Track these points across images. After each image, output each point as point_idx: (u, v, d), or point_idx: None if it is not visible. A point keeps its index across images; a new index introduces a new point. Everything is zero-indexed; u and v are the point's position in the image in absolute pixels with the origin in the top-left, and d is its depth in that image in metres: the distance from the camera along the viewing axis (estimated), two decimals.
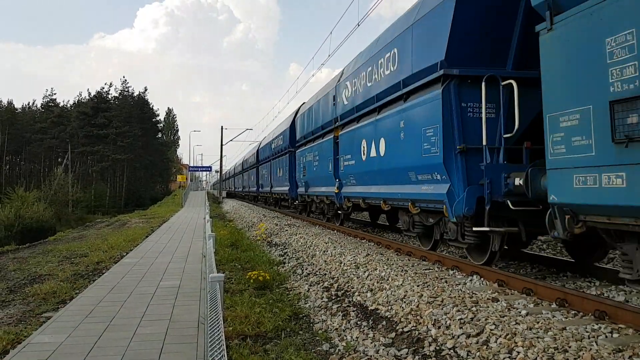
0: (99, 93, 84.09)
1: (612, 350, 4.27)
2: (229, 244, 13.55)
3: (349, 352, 5.21)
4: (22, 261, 12.26)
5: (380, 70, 11.03)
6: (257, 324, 6.05)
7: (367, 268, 8.74)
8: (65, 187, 62.13)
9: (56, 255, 12.86)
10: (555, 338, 4.62)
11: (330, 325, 6.24)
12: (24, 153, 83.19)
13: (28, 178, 76.27)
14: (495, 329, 5.00)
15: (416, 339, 5.27)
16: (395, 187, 10.29)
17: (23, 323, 6.45)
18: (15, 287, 8.99)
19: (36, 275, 10.02)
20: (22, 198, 41.27)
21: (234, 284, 8.43)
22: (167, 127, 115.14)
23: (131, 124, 77.66)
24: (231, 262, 10.80)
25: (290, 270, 10.10)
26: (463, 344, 4.85)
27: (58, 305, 7.30)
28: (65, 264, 11.24)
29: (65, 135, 79.20)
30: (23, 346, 5.12)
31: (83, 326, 5.81)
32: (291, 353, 5.09)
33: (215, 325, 2.74)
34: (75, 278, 9.38)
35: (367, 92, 11.97)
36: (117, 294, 7.59)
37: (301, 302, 7.46)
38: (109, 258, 11.71)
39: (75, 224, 41.49)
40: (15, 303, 7.68)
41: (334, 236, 14.11)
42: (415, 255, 9.86)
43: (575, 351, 4.31)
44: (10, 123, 79.74)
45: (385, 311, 6.32)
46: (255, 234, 16.70)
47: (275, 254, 12.38)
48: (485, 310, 5.62)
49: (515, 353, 4.44)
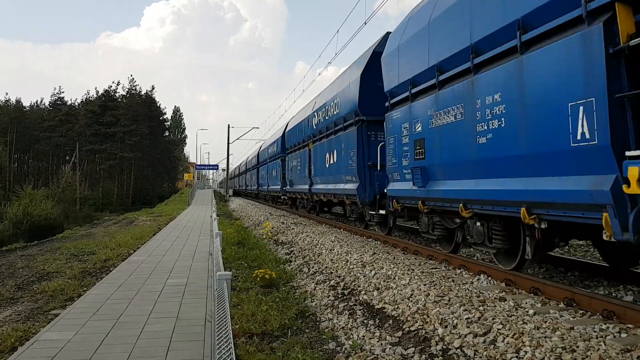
0: (106, 92, 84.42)
1: (620, 350, 4.24)
2: (236, 242, 13.58)
3: (355, 350, 5.20)
4: (30, 259, 12.34)
5: (332, 110, 16.60)
6: (263, 322, 6.05)
7: (374, 267, 8.73)
8: (73, 185, 62.42)
9: (64, 253, 12.94)
10: (563, 338, 4.59)
11: (336, 324, 6.24)
12: (32, 151, 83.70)
13: (36, 176, 76.75)
14: (503, 329, 4.98)
15: (423, 338, 5.26)
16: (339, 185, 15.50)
17: (31, 320, 6.49)
18: (23, 284, 9.06)
19: (44, 272, 10.08)
20: (30, 196, 41.50)
21: (240, 282, 8.45)
22: (175, 126, 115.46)
23: (139, 123, 77.88)
24: (238, 260, 10.82)
25: (296, 268, 10.10)
26: (470, 343, 4.84)
27: (66, 302, 7.34)
28: (73, 262, 11.31)
29: (73, 134, 79.57)
30: (31, 343, 5.15)
31: (91, 323, 5.84)
32: (297, 351, 5.09)
33: (223, 323, 2.74)
34: (83, 276, 9.43)
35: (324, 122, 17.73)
36: (125, 291, 7.62)
37: (307, 300, 7.46)
38: (116, 256, 11.76)
39: (83, 221, 41.67)
40: (23, 300, 7.74)
41: (340, 235, 14.10)
42: (422, 254, 9.83)
43: (583, 351, 4.28)
44: (18, 121, 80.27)
45: (391, 310, 6.31)
46: (262, 232, 16.72)
47: (282, 253, 12.39)
48: (493, 310, 5.59)
49: (523, 353, 4.42)
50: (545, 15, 6.00)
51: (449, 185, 8.54)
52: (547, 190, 6.03)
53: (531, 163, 6.37)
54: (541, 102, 6.08)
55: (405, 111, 10.30)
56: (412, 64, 10.01)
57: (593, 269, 8.13)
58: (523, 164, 6.53)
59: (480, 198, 7.59)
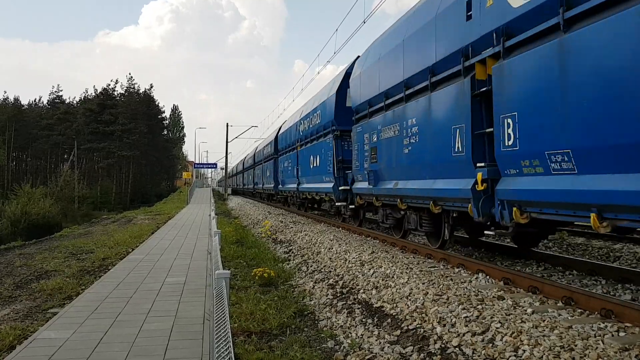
0: (105, 90, 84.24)
1: (618, 349, 4.25)
2: (234, 241, 13.59)
3: (354, 349, 5.21)
4: (28, 257, 12.32)
5: (314, 120, 19.22)
6: (262, 320, 6.06)
7: (372, 265, 8.74)
8: (71, 184, 62.35)
9: (62, 251, 12.92)
10: (561, 337, 4.60)
11: (335, 323, 6.24)
12: (31, 149, 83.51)
13: (34, 174, 76.58)
14: (501, 327, 4.99)
15: (421, 336, 5.26)
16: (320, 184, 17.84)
17: (29, 319, 6.49)
18: (21, 282, 9.04)
19: (42, 271, 10.07)
20: (28, 194, 41.43)
21: (239, 281, 8.45)
22: (173, 124, 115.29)
23: (137, 121, 77.72)
24: (236, 259, 10.82)
25: (295, 267, 10.10)
26: (468, 342, 4.84)
27: (64, 301, 7.34)
28: (72, 260, 11.30)
29: (71, 132, 79.37)
30: (29, 342, 5.15)
31: (89, 322, 5.84)
32: (296, 350, 5.10)
33: (222, 321, 2.74)
34: (81, 274, 9.42)
35: (309, 129, 20.32)
36: (123, 290, 7.62)
37: (306, 299, 7.47)
38: (114, 254, 11.75)
39: (81, 220, 41.62)
40: (21, 299, 7.72)
41: (338, 234, 14.11)
42: (421, 253, 9.85)
43: (581, 350, 4.29)
44: (16, 120, 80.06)
45: (390, 309, 6.32)
46: (260, 231, 16.72)
47: (280, 251, 12.39)
48: (491, 309, 5.60)
49: (521, 351, 4.42)
50: (443, 65, 8.71)
51: (391, 184, 11.02)
52: (441, 189, 8.70)
53: (433, 168, 9.04)
54: (438, 126, 8.84)
55: (366, 125, 12.91)
56: (369, 89, 12.67)
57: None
58: (430, 169, 9.19)
59: (409, 194, 10.15)
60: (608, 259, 9.50)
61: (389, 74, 11.18)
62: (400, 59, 10.50)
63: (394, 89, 10.92)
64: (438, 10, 8.88)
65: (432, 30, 9.04)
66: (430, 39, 9.09)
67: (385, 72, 11.44)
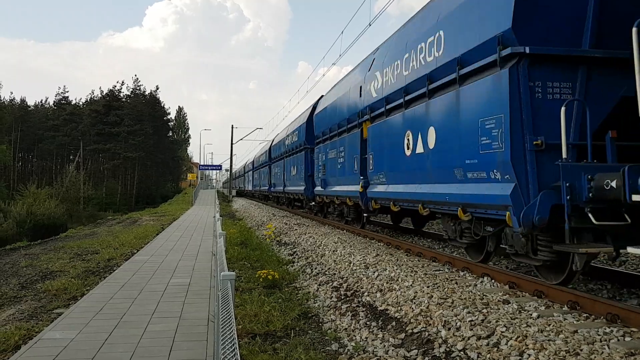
0: (111, 91, 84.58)
1: (624, 353, 4.23)
2: (239, 242, 13.60)
3: (358, 352, 5.20)
4: (33, 257, 12.38)
5: (294, 138, 25.85)
6: (266, 322, 6.06)
7: (377, 268, 8.72)
8: (76, 185, 62.68)
9: (67, 252, 12.97)
10: (566, 341, 4.58)
11: (339, 325, 6.23)
12: (36, 150, 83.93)
13: (40, 175, 76.97)
14: (506, 331, 4.97)
15: (426, 340, 5.25)
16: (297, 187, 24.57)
17: (34, 319, 6.51)
18: (27, 283, 9.08)
19: (48, 271, 10.11)
20: (34, 195, 41.66)
21: (243, 283, 8.45)
22: (178, 126, 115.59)
23: (143, 123, 77.97)
24: (241, 260, 10.82)
25: (299, 269, 10.10)
26: (473, 345, 4.83)
27: (69, 301, 7.36)
28: (77, 261, 11.34)
29: (77, 133, 79.70)
30: (34, 342, 5.16)
31: (94, 323, 5.85)
32: (300, 352, 5.09)
33: (227, 323, 2.74)
34: (86, 275, 9.45)
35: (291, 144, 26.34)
36: (128, 291, 7.64)
37: (310, 301, 7.46)
38: (119, 255, 11.79)
39: (87, 221, 41.77)
40: (27, 299, 7.75)
41: (343, 236, 14.10)
42: (426, 256, 9.83)
43: (587, 354, 4.27)
44: (22, 120, 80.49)
45: (394, 312, 6.30)
46: (265, 233, 16.73)
47: (285, 253, 12.39)
48: (496, 312, 5.58)
49: (526, 356, 4.41)
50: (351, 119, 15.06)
51: (333, 188, 16.75)
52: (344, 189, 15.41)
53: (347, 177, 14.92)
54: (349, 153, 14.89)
55: (322, 147, 18.70)
56: (324, 124, 18.61)
57: None
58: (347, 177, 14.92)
59: (340, 195, 15.93)
60: (613, 263, 9.45)
61: (331, 117, 17.46)
62: (336, 110, 16.77)
63: (333, 127, 16.96)
64: (351, 86, 14.95)
65: (347, 97, 15.29)
66: (347, 103, 15.39)
67: (330, 115, 17.60)
